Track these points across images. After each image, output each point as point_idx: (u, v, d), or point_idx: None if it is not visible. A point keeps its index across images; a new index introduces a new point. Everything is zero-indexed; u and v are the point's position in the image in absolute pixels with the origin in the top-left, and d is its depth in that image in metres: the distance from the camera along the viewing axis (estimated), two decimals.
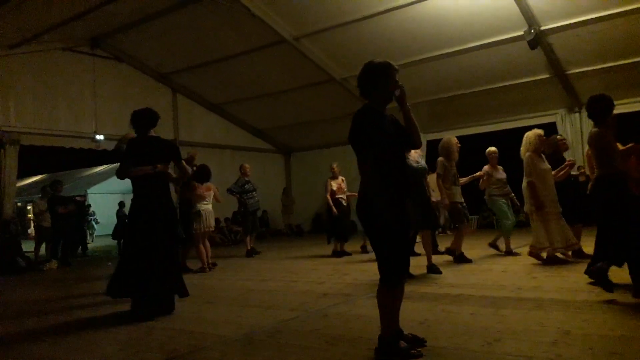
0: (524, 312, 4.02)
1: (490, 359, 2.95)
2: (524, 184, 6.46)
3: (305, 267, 7.81)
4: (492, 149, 7.60)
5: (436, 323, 3.81)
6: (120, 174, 4.92)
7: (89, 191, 23.51)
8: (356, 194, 8.71)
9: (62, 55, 11.63)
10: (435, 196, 7.53)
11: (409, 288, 3.67)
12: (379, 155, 3.02)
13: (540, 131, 6.55)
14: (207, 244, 7.94)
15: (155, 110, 5.22)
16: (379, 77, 3.09)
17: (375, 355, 3.04)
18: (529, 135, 6.52)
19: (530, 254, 6.53)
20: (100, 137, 11.93)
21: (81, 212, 13.72)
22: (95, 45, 12.07)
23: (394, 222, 2.98)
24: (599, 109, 4.56)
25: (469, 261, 6.94)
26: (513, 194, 7.58)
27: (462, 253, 7.03)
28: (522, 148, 6.59)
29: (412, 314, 3.92)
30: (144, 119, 5.05)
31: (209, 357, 3.39)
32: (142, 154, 4.85)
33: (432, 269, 6.15)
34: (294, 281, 6.23)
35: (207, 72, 12.87)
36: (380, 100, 3.14)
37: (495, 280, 5.50)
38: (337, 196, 8.76)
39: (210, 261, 7.91)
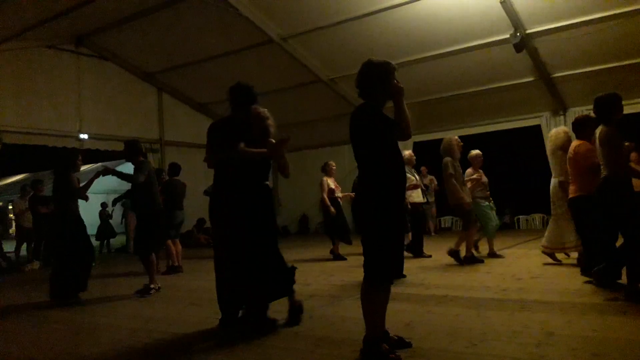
0: (509, 313, 4.04)
1: None
2: (554, 182, 6.20)
3: None
4: (477, 152, 7.56)
5: (421, 324, 3.82)
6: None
7: None
8: (349, 194, 8.50)
9: (46, 53, 11.45)
10: (414, 198, 7.62)
11: (395, 289, 3.66)
12: (383, 153, 3.03)
13: (566, 128, 6.33)
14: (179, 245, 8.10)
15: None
16: (378, 76, 3.09)
17: (360, 357, 3.03)
18: (558, 132, 6.21)
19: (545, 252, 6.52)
20: (84, 136, 11.79)
21: None
22: (79, 43, 11.92)
23: (393, 221, 3.00)
24: (606, 107, 4.47)
25: (480, 261, 6.91)
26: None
27: (473, 254, 7.02)
28: (549, 146, 6.35)
29: (397, 316, 3.92)
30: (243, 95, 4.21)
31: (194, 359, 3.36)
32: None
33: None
34: None
35: (193, 71, 12.78)
36: (379, 99, 3.14)
37: (480, 282, 5.53)
38: (335, 195, 8.45)
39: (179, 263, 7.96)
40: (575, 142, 5.20)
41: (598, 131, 4.51)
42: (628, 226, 4.31)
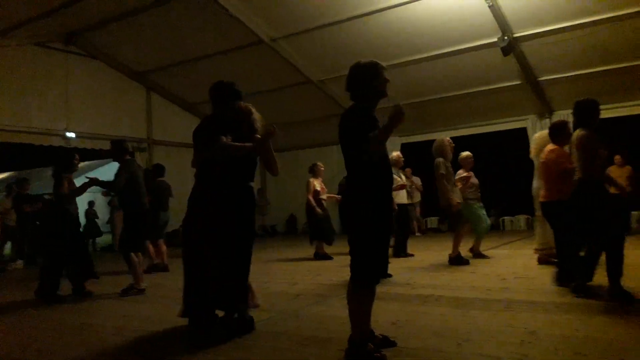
0: (493, 313, 4.09)
1: (459, 359, 3.00)
2: (536, 185, 6.26)
3: (279, 268, 7.79)
4: (468, 153, 7.60)
5: (407, 324, 3.85)
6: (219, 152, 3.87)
7: None
8: (334, 195, 8.58)
9: (34, 51, 11.32)
10: (398, 199, 7.66)
11: (381, 289, 3.69)
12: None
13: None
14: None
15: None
16: (368, 77, 3.12)
17: (345, 356, 3.05)
18: (542, 135, 6.23)
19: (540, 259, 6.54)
20: (71, 134, 11.68)
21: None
22: (68, 41, 11.78)
23: (381, 222, 3.03)
24: (586, 112, 4.55)
25: (466, 262, 6.91)
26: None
27: (459, 254, 7.03)
28: (532, 148, 6.43)
29: (384, 315, 3.95)
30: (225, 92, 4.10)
31: None
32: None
33: None
34: (267, 282, 6.21)
35: (182, 71, 12.72)
36: (370, 100, 3.16)
37: (465, 282, 5.58)
38: (320, 197, 8.52)
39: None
40: (549, 147, 5.23)
41: (575, 135, 4.56)
42: (610, 227, 4.34)
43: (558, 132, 5.20)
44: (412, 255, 8.02)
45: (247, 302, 3.93)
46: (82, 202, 8.16)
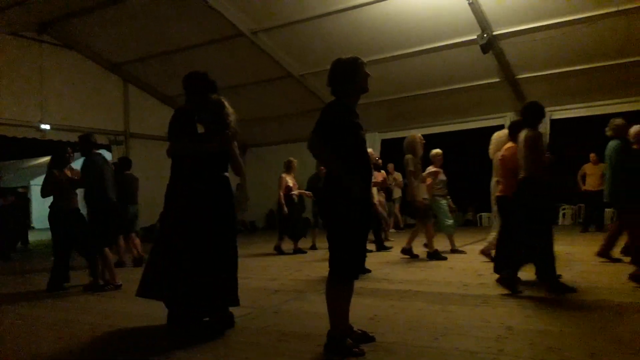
0: (470, 308, 4.14)
1: (437, 354, 3.03)
2: (494, 182, 6.45)
3: (258, 264, 7.75)
4: (438, 151, 7.78)
5: (385, 318, 3.87)
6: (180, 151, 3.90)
7: (32, 183, 22.48)
8: (306, 192, 8.77)
9: (7, 40, 11.01)
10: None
11: (359, 284, 3.70)
12: (349, 150, 3.06)
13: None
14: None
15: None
16: (349, 73, 3.15)
17: (324, 351, 3.06)
18: (499, 135, 6.38)
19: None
20: (46, 126, 11.41)
21: (23, 204, 13.12)
22: (42, 30, 11.50)
23: (360, 217, 3.03)
24: (534, 113, 4.82)
25: (444, 258, 7.02)
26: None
27: (437, 250, 7.13)
28: (491, 148, 6.58)
29: (362, 310, 3.97)
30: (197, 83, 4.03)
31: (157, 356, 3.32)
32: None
33: None
34: (246, 278, 6.15)
35: (160, 63, 12.53)
36: (351, 96, 3.18)
37: (443, 277, 5.64)
38: (291, 192, 8.64)
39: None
40: (507, 145, 5.38)
41: (523, 134, 4.77)
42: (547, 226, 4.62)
43: (517, 130, 5.29)
44: (390, 248, 8.13)
45: (232, 298, 3.86)
46: None
